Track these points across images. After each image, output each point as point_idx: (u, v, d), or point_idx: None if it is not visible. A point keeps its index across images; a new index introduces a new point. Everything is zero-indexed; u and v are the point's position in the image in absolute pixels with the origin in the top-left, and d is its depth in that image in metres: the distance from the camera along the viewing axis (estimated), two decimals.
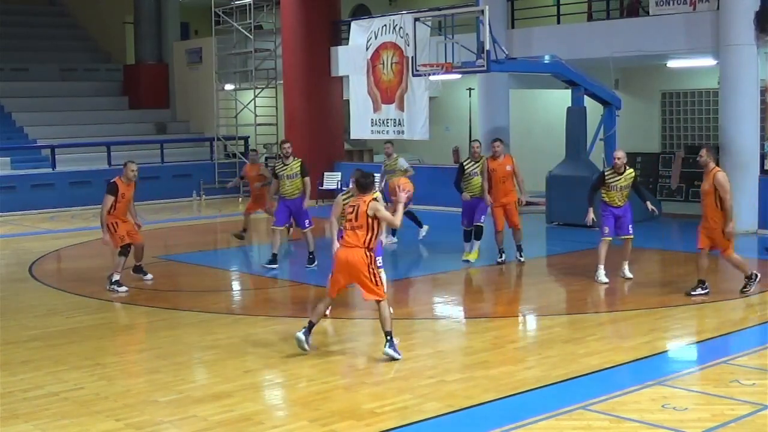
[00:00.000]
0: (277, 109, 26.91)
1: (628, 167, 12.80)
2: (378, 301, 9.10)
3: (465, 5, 19.63)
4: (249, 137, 27.29)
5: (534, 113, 24.31)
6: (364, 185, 9.17)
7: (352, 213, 9.04)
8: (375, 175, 9.69)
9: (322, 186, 23.95)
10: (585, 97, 18.65)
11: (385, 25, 21.46)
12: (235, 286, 14.24)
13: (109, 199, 12.83)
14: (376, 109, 21.82)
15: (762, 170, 17.13)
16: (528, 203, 14.98)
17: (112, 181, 13.05)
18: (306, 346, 9.22)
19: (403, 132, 21.20)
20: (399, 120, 21.19)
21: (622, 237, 12.99)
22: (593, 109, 18.95)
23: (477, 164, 14.43)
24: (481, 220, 14.53)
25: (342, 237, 9.27)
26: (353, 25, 22.89)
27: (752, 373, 8.45)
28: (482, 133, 20.99)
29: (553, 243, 17.28)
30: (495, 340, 10.02)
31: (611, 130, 19.07)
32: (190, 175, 26.38)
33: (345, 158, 25.22)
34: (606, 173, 12.82)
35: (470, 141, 24.66)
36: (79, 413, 7.73)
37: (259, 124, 26.55)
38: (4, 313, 11.70)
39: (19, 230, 20.10)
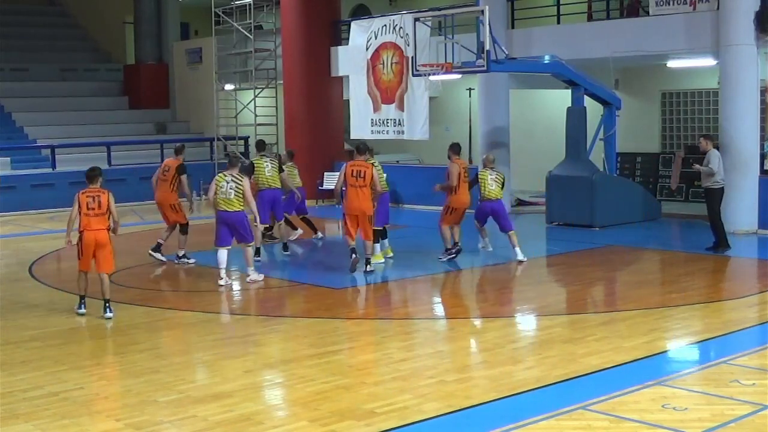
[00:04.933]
0: (277, 109, 26.89)
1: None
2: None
3: (465, 5, 19.63)
4: (249, 137, 27.28)
5: (534, 113, 24.31)
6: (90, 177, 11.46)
7: (94, 202, 11.19)
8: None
9: (322, 186, 23.95)
10: (585, 97, 18.65)
11: (385, 25, 21.44)
12: (235, 286, 14.22)
13: None
14: (376, 109, 21.80)
15: (762, 170, 17.12)
16: (526, 203, 14.95)
17: None
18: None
19: (403, 132, 21.19)
20: (399, 120, 21.18)
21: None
22: (593, 109, 18.95)
23: None
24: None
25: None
26: (353, 25, 22.88)
27: (752, 373, 8.44)
28: (482, 133, 20.99)
29: (553, 243, 17.29)
30: (495, 340, 10.02)
31: (611, 130, 19.09)
32: (190, 175, 26.20)
33: (345, 158, 25.18)
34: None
35: (470, 141, 24.82)
36: (79, 413, 7.73)
37: (259, 124, 26.52)
38: (4, 313, 11.70)
39: (19, 230, 20.09)
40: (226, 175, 13.21)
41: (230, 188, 13.05)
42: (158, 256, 15.26)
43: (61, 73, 30.75)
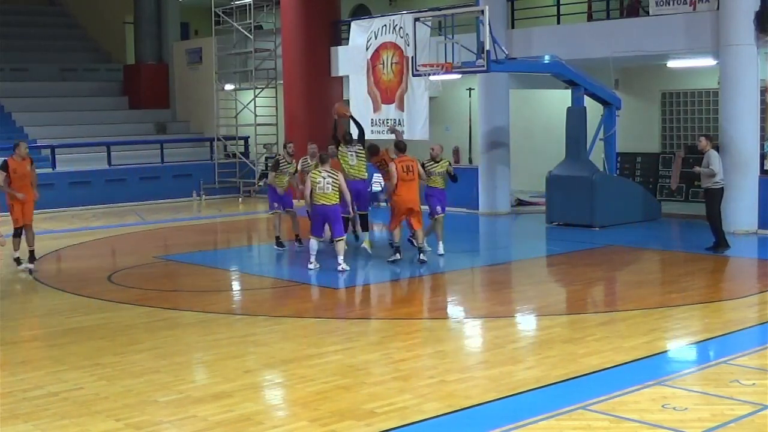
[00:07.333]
0: (277, 109, 26.90)
1: (443, 157, 15.14)
2: None
3: (465, 5, 19.62)
4: (249, 137, 27.30)
5: (534, 113, 24.31)
6: None
7: None
8: None
9: None
10: (585, 97, 18.65)
11: (385, 25, 21.45)
12: (235, 286, 14.23)
13: None
14: (376, 109, 21.81)
15: (762, 170, 17.11)
16: (526, 203, 15.15)
17: None
18: None
19: (403, 132, 21.11)
20: (399, 120, 21.18)
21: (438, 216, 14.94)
22: (593, 109, 18.95)
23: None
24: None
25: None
26: (353, 25, 22.89)
27: (752, 373, 8.44)
28: (482, 133, 20.99)
29: (553, 243, 17.28)
30: (495, 340, 10.02)
31: (611, 130, 19.08)
32: (190, 175, 26.39)
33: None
34: (425, 161, 14.88)
35: (470, 141, 24.83)
36: (79, 413, 7.73)
37: (259, 124, 26.54)
38: (4, 313, 11.70)
39: None
40: (321, 172, 13.84)
41: (327, 183, 13.79)
42: (25, 266, 14.79)
43: (61, 73, 30.74)
